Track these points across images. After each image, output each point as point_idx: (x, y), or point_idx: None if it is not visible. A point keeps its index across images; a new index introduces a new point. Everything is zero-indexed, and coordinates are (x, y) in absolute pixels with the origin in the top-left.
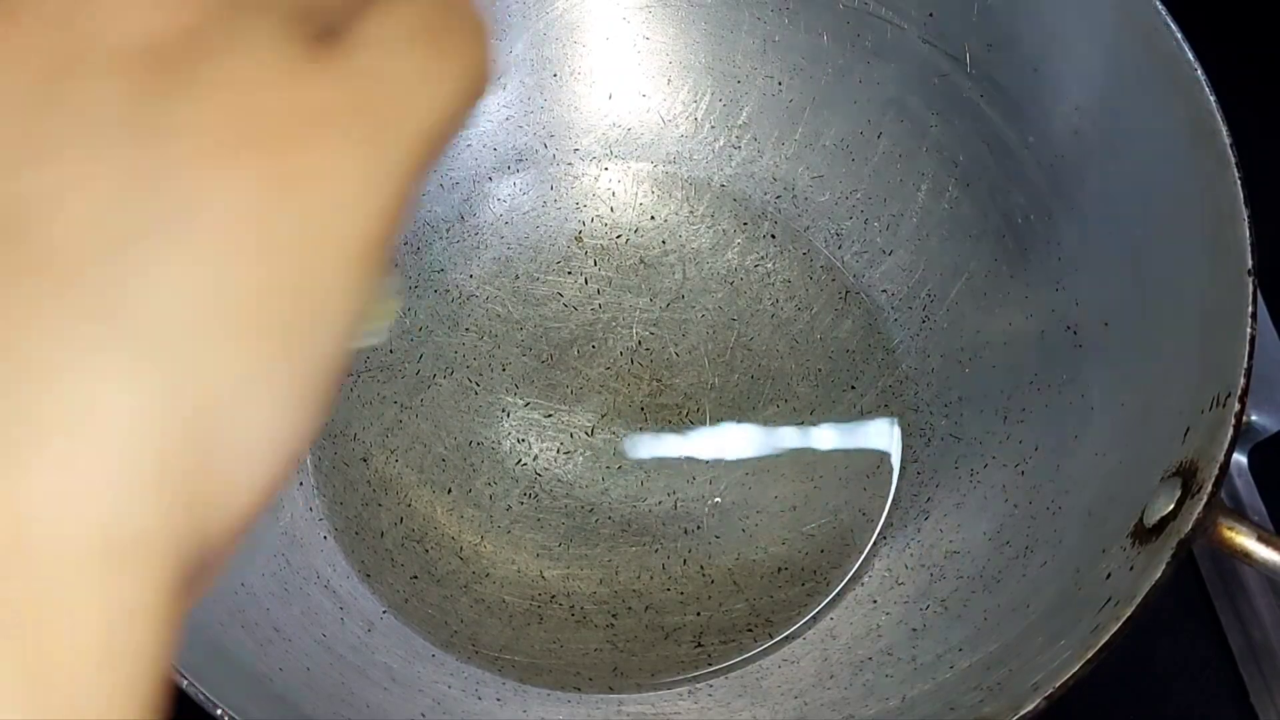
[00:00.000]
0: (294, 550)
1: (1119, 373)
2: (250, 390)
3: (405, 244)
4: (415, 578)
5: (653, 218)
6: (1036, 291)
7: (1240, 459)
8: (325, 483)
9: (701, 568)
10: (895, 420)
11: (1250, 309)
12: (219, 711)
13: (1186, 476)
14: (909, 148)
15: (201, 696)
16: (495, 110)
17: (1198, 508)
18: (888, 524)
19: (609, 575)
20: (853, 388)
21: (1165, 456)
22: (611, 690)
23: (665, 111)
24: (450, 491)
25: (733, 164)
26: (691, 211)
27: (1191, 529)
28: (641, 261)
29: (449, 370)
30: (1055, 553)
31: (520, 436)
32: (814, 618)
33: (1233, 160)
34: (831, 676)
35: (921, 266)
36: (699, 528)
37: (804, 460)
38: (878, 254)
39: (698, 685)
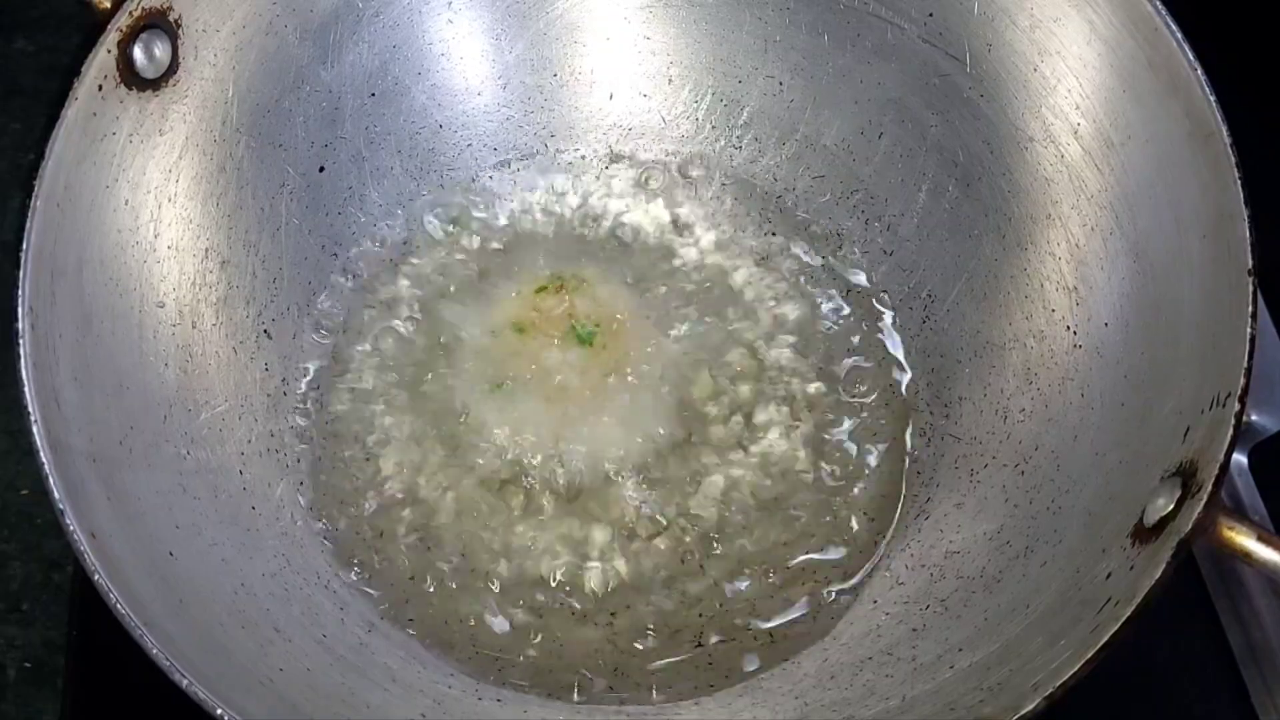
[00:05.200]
0: (294, 550)
1: (1119, 373)
2: None
3: (407, 244)
4: (415, 578)
5: (653, 218)
6: (1036, 291)
7: (1240, 459)
8: (325, 483)
9: (702, 567)
10: (896, 420)
11: (1250, 309)
12: (219, 711)
13: (1186, 476)
14: (909, 148)
15: (201, 696)
16: (495, 110)
17: (1198, 508)
18: (889, 524)
19: (610, 575)
20: (853, 387)
21: (1165, 456)
22: (612, 690)
23: (666, 112)
24: (450, 491)
25: (734, 164)
26: (692, 211)
27: (1191, 529)
28: (642, 261)
29: (450, 370)
30: (1055, 553)
31: (523, 436)
32: (815, 618)
33: (1233, 160)
34: (832, 677)
35: (921, 266)
36: (699, 527)
37: (806, 460)
38: (878, 254)
39: (698, 685)
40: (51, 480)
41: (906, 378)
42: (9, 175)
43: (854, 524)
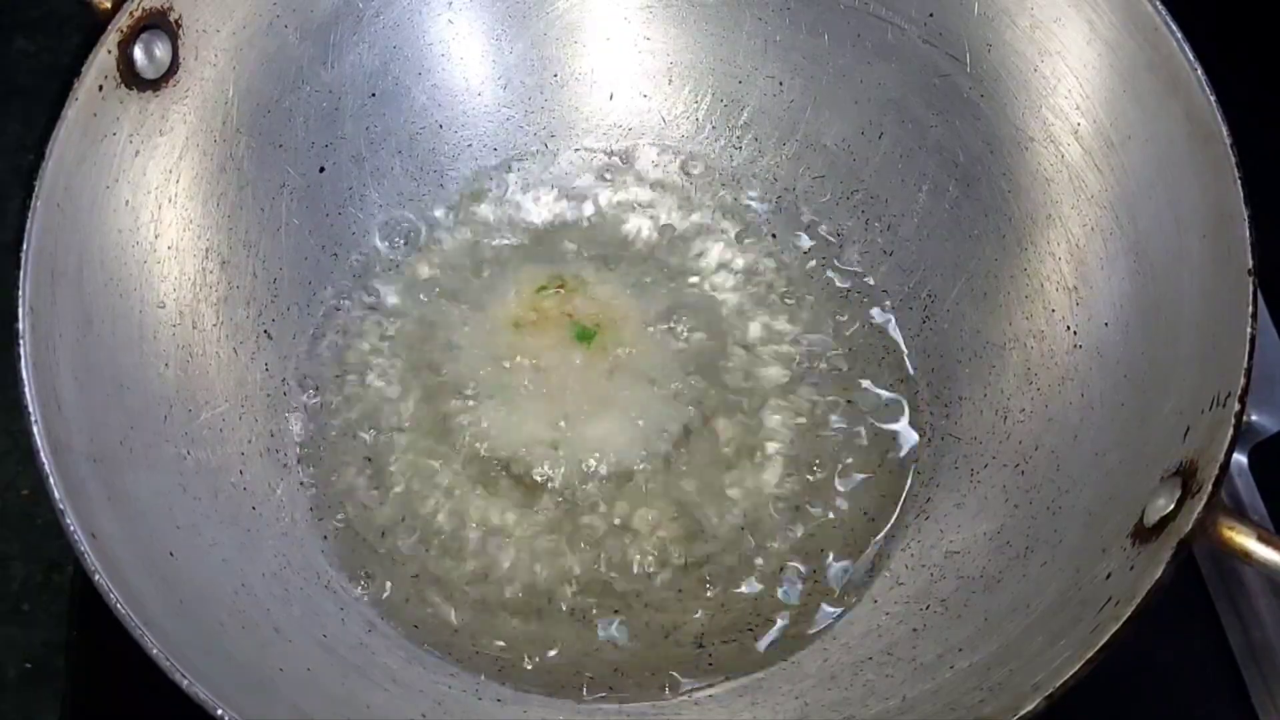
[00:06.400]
0: (294, 550)
1: (1119, 373)
2: None
3: (407, 243)
4: (415, 577)
5: (653, 218)
6: (1036, 291)
7: (1240, 459)
8: (325, 483)
9: (702, 567)
10: (896, 420)
11: (1250, 309)
12: (219, 711)
13: (1186, 476)
14: (909, 148)
15: (202, 696)
16: (495, 110)
17: (1198, 508)
18: (888, 524)
19: (610, 574)
20: (854, 388)
21: (1165, 456)
22: (612, 690)
23: (666, 112)
24: (451, 491)
25: (734, 164)
26: (692, 212)
27: (1191, 529)
28: (642, 261)
29: (450, 370)
30: (1055, 553)
31: (523, 436)
32: (815, 618)
33: (1233, 160)
34: (832, 677)
35: (922, 266)
36: (700, 527)
37: (805, 460)
38: (878, 254)
39: (698, 685)
40: (52, 481)
41: (906, 377)
42: (9, 175)
43: (856, 524)
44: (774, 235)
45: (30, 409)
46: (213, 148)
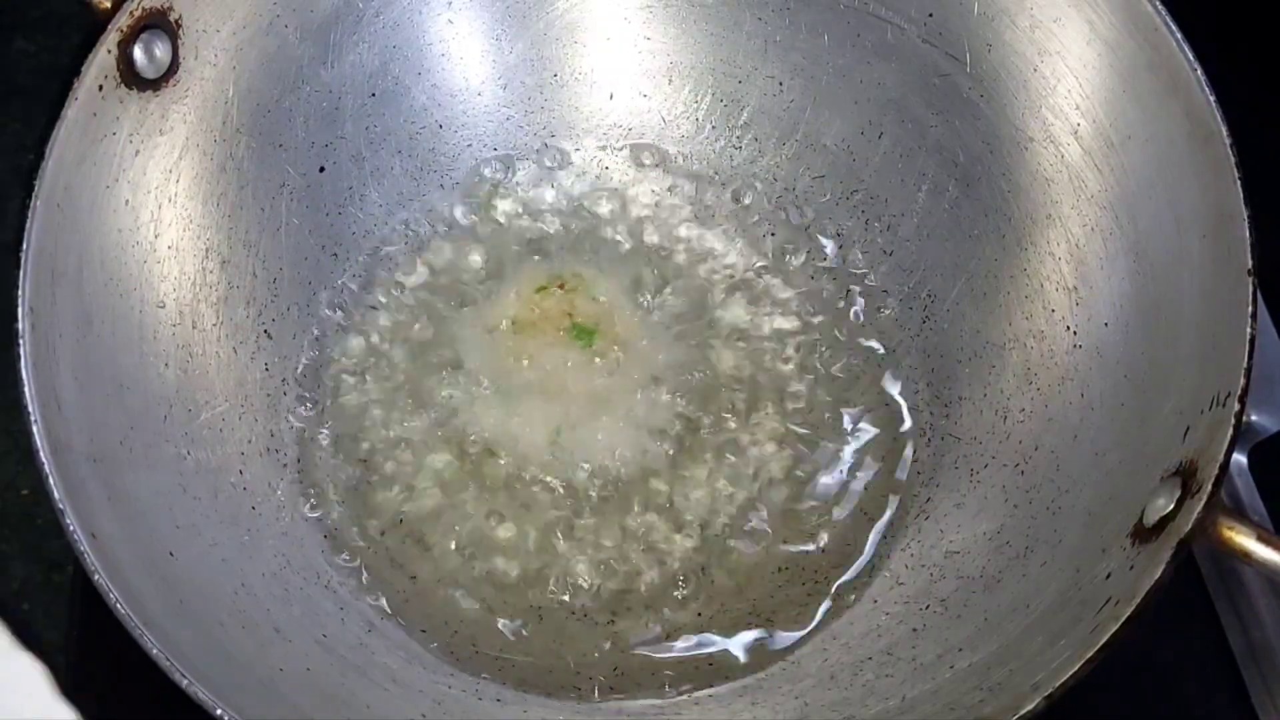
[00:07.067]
0: (294, 550)
1: (1119, 373)
2: None
3: (406, 244)
4: (415, 578)
5: (653, 219)
6: (1036, 291)
7: (1240, 459)
8: (325, 483)
9: (702, 567)
10: (896, 421)
11: (1250, 309)
12: (219, 711)
13: (1186, 476)
14: (909, 148)
15: (201, 696)
16: (495, 110)
17: (1198, 508)
18: (888, 524)
19: (610, 575)
20: (853, 388)
21: (1165, 456)
22: (612, 690)
23: (666, 112)
24: (451, 491)
25: (733, 164)
26: (692, 212)
27: (1191, 529)
28: (641, 260)
29: (451, 370)
30: (1055, 553)
31: (523, 436)
32: (815, 618)
33: (1233, 160)
34: (832, 677)
35: (922, 266)
36: (700, 527)
37: (805, 460)
38: (878, 254)
39: (698, 685)
40: (52, 481)
41: (906, 378)
42: (9, 175)
43: (855, 524)
44: (773, 235)
45: (30, 409)
46: (213, 148)
